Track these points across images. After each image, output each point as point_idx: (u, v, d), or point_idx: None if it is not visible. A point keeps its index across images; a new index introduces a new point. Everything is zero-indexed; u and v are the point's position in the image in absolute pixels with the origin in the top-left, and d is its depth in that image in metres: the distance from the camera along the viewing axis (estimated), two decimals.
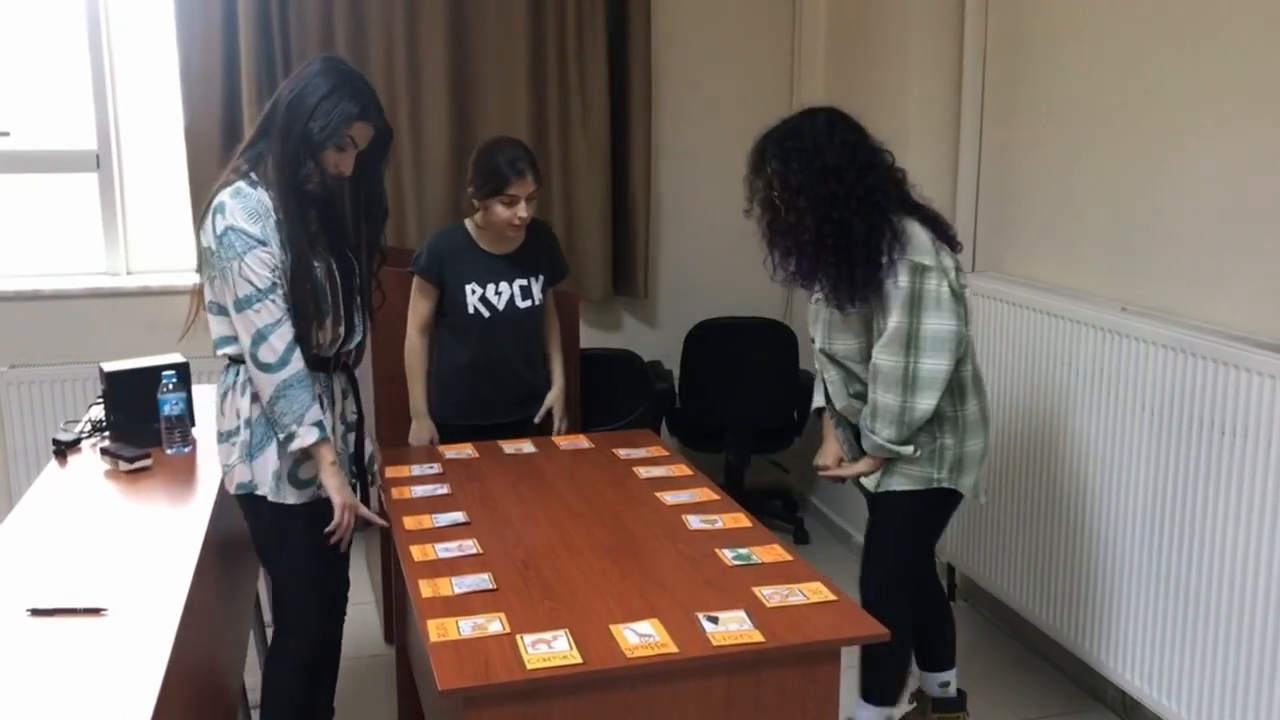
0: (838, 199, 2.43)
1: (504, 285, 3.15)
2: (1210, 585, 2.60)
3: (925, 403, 2.47)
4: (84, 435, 2.86)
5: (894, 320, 2.45)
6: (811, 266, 2.52)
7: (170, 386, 2.75)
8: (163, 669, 1.70)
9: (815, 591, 2.06)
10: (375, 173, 2.46)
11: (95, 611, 1.89)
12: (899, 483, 2.58)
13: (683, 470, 2.77)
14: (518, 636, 1.87)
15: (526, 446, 2.98)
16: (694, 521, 2.41)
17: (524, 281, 3.17)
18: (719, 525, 2.40)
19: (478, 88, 4.20)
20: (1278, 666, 2.42)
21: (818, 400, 2.79)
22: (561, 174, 4.31)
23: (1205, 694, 2.63)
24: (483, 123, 4.21)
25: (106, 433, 2.83)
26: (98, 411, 2.94)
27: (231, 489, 2.40)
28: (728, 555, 2.23)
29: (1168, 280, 2.84)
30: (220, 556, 2.47)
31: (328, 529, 2.35)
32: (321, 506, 2.37)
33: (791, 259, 2.56)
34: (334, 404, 2.46)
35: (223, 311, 2.33)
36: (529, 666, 1.79)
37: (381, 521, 2.48)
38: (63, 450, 2.79)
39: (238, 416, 2.38)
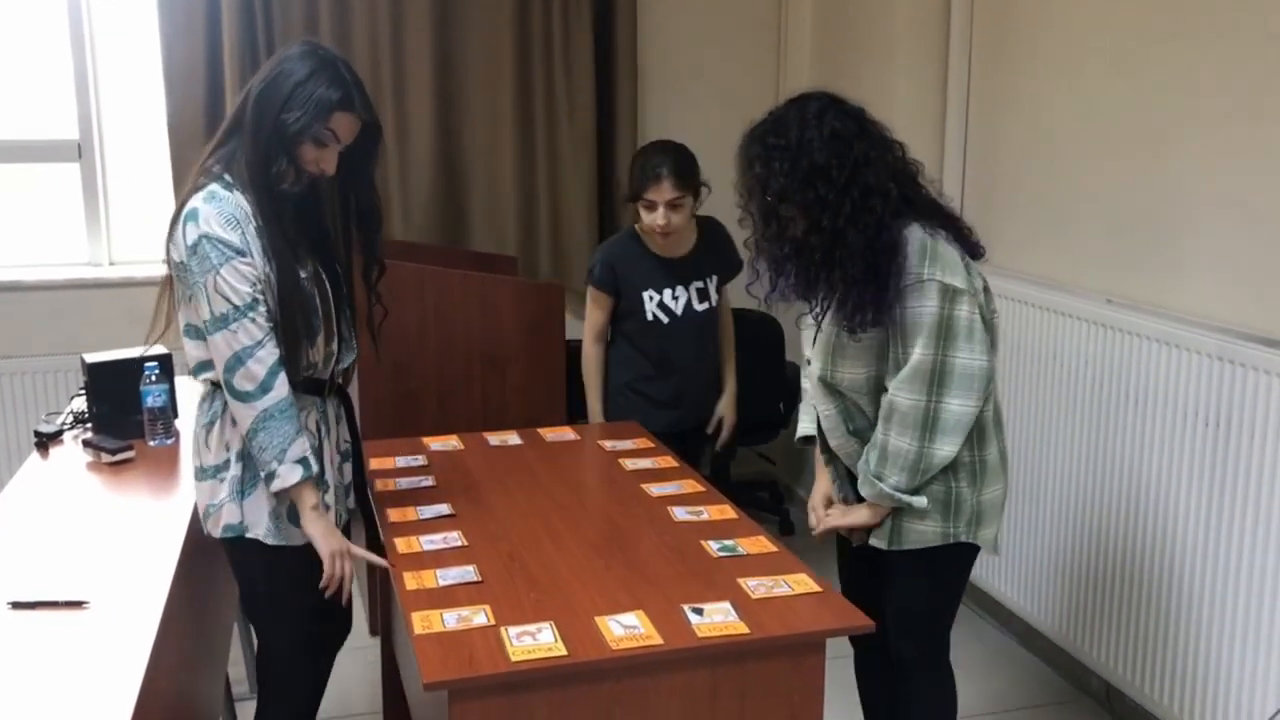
0: (827, 204, 2.08)
1: (680, 289, 3.12)
2: (1193, 577, 2.62)
3: (946, 449, 2.14)
4: (66, 427, 2.84)
5: (918, 351, 2.10)
6: (803, 283, 2.19)
7: (153, 378, 2.73)
8: (145, 662, 1.70)
9: (800, 583, 2.07)
10: (363, 174, 2.19)
11: (77, 604, 1.88)
12: (911, 539, 2.24)
13: (668, 462, 2.76)
14: (502, 629, 1.87)
15: (512, 438, 2.97)
16: (679, 513, 2.41)
17: (700, 284, 3.13)
18: (704, 517, 2.40)
19: (463, 78, 4.19)
20: (1258, 658, 2.44)
21: (805, 427, 2.44)
22: (548, 165, 4.30)
23: (1187, 684, 2.64)
24: (468, 114, 4.20)
25: (88, 424, 2.81)
26: (80, 403, 2.92)
27: (216, 533, 2.15)
28: (713, 547, 2.23)
29: (1154, 273, 2.85)
30: (203, 548, 2.46)
31: (321, 584, 2.10)
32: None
33: (782, 274, 2.21)
34: (330, 432, 2.24)
35: (200, 334, 2.08)
36: (514, 659, 1.78)
37: (381, 561, 2.17)
38: (44, 442, 2.77)
39: (227, 449, 2.12)
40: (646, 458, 2.79)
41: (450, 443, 2.92)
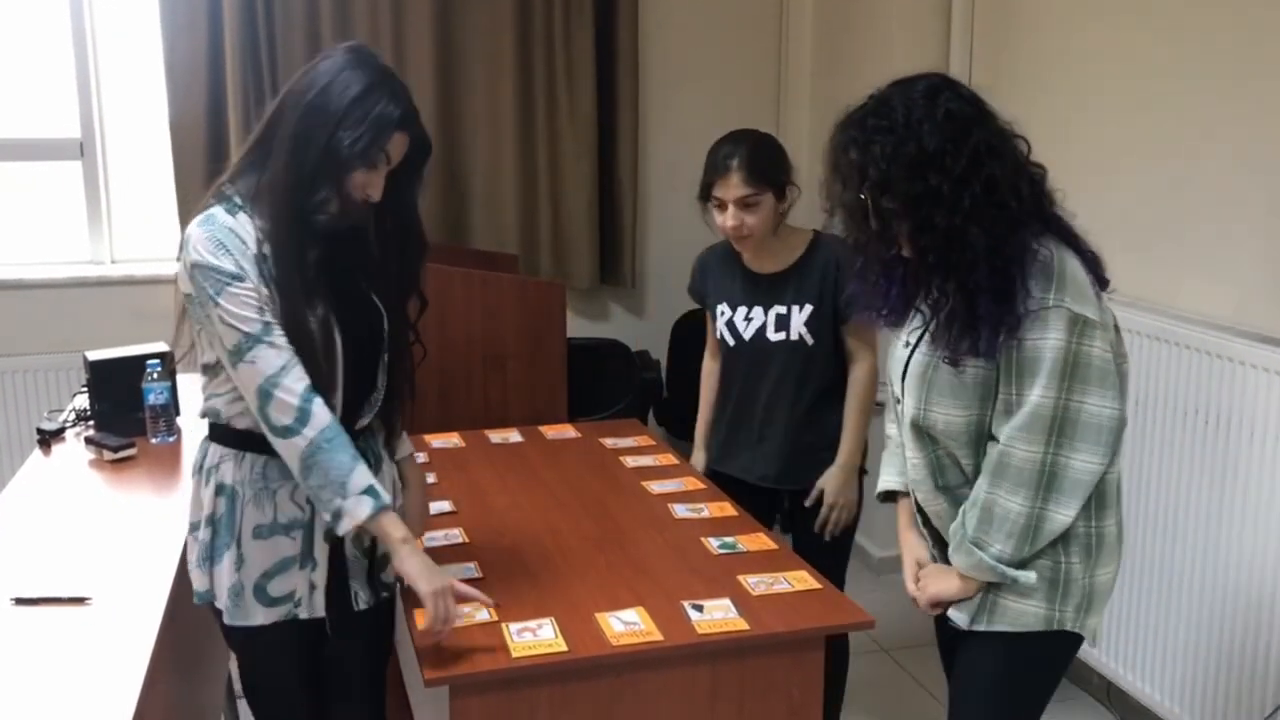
0: (940, 198, 1.71)
1: (757, 310, 2.60)
2: (1191, 573, 2.62)
3: (1065, 512, 1.76)
4: (68, 424, 2.85)
5: (1037, 393, 1.73)
6: (906, 296, 1.86)
7: (155, 375, 2.74)
8: (147, 658, 1.70)
9: (800, 580, 2.07)
10: (409, 195, 1.92)
11: (80, 600, 1.89)
12: (1006, 620, 1.84)
13: (669, 459, 2.77)
14: (503, 625, 1.87)
15: (514, 436, 2.98)
16: (680, 510, 2.42)
17: (782, 309, 2.58)
18: (705, 514, 2.41)
19: (464, 77, 4.19)
20: (1257, 654, 2.44)
21: (888, 479, 2.06)
22: (549, 163, 4.30)
23: (1187, 681, 2.65)
24: (469, 112, 4.20)
25: (91, 422, 2.81)
26: (82, 400, 2.93)
27: (194, 597, 1.97)
28: (713, 544, 2.24)
29: (1148, 269, 2.85)
30: None
31: (423, 625, 1.80)
32: (302, 630, 1.93)
33: (877, 284, 1.88)
34: (267, 503, 1.90)
35: (209, 370, 1.90)
36: (514, 655, 1.79)
37: (487, 600, 1.89)
38: (47, 439, 2.78)
39: (201, 507, 1.92)
40: (647, 455, 2.80)
41: (452, 440, 2.93)
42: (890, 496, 2.07)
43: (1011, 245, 1.73)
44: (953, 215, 1.72)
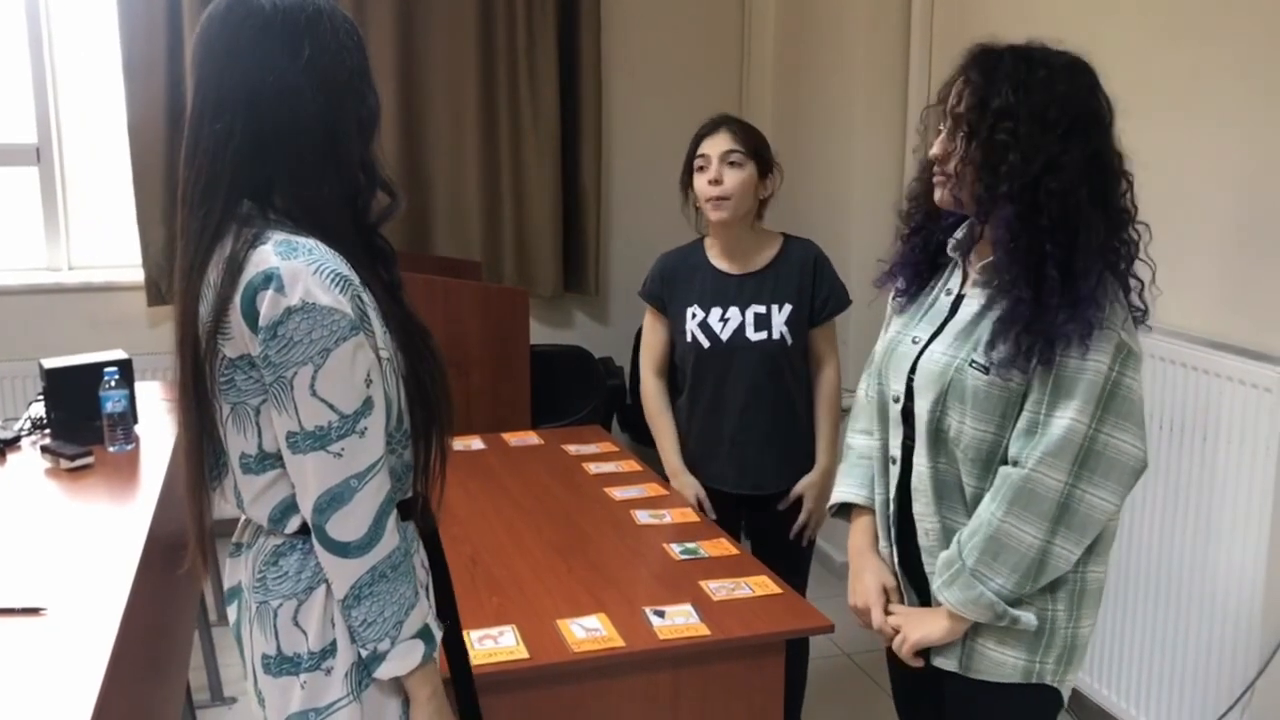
0: (1059, 167, 1.58)
1: (733, 310, 2.55)
2: (1148, 578, 2.66)
3: (1072, 550, 1.63)
4: (24, 433, 2.81)
5: (1070, 416, 1.59)
6: (1019, 256, 1.61)
7: (112, 383, 2.71)
8: (103, 670, 1.68)
9: (761, 585, 2.08)
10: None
11: (34, 611, 1.86)
12: (983, 668, 1.71)
13: (632, 466, 2.78)
14: (464, 633, 1.87)
15: (476, 443, 2.97)
16: (642, 516, 2.42)
17: (761, 308, 2.54)
18: (667, 520, 2.41)
19: (427, 84, 4.19)
20: (1210, 656, 2.48)
21: (844, 492, 1.92)
22: (512, 171, 4.31)
23: (1143, 684, 2.69)
24: (432, 119, 4.20)
25: (47, 430, 2.78)
26: (38, 409, 2.89)
27: None
28: (675, 549, 2.24)
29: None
30: (163, 555, 2.44)
31: None
32: None
33: (988, 221, 1.66)
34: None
35: (266, 460, 1.43)
36: (475, 662, 1.78)
37: None
38: (2, 448, 2.74)
39: (333, 625, 1.44)
40: (610, 461, 2.80)
41: None
42: (844, 511, 1.95)
43: (1121, 248, 1.62)
44: (1073, 190, 1.58)
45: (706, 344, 2.57)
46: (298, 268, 1.34)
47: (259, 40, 1.38)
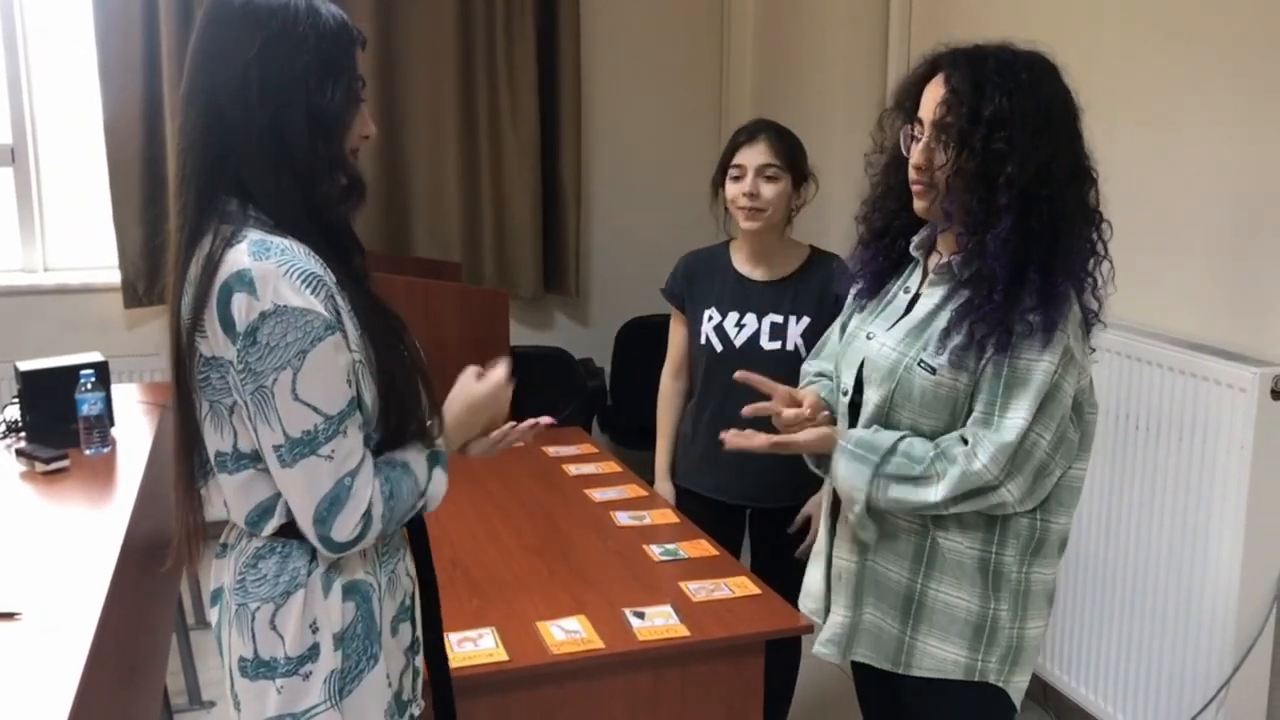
0: (1049, 177, 1.60)
1: (750, 317, 2.52)
2: (1125, 575, 2.68)
3: (1012, 490, 1.65)
4: None
5: (1018, 415, 1.62)
6: (1007, 261, 1.60)
7: (88, 386, 2.69)
8: (79, 674, 1.67)
9: (741, 585, 2.09)
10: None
11: (9, 616, 1.85)
12: (929, 665, 1.73)
13: (612, 467, 2.78)
14: (444, 635, 1.86)
15: None
16: (622, 518, 2.43)
17: (778, 318, 2.51)
18: (647, 521, 2.42)
19: (407, 85, 4.18)
20: (1186, 654, 2.50)
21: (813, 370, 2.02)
22: (491, 172, 4.30)
23: (1120, 681, 2.70)
24: (412, 120, 4.19)
25: (22, 433, 2.76)
26: (13, 411, 2.87)
27: None
28: (655, 551, 2.25)
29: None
30: (140, 559, 2.43)
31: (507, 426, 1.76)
32: None
33: (873, 254, 1.78)
34: (396, 585, 1.57)
35: (247, 463, 1.42)
36: (454, 665, 1.78)
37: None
38: None
39: (315, 629, 1.44)
40: (590, 463, 2.80)
41: None
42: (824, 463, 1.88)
43: (1093, 248, 1.65)
44: (1057, 198, 1.60)
45: (719, 348, 2.54)
46: (268, 269, 1.33)
47: (220, 34, 1.38)
